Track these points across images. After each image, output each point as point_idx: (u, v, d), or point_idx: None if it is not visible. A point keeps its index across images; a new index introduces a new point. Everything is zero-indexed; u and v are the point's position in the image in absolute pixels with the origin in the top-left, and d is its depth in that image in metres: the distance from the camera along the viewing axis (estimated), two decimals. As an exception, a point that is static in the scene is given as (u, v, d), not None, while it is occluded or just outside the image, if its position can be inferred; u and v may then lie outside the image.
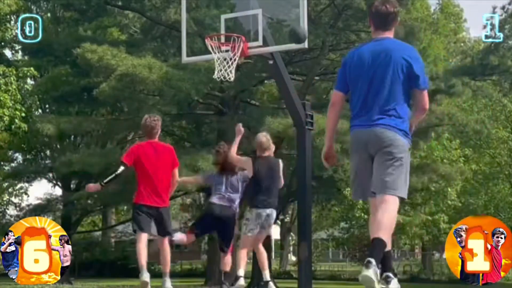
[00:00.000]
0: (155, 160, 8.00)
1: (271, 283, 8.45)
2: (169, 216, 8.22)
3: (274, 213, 8.36)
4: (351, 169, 5.09)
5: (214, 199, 8.52)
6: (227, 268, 8.72)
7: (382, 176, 4.78)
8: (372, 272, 4.39)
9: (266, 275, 8.46)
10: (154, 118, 8.25)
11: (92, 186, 8.30)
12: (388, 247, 4.73)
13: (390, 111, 4.83)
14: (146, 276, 7.76)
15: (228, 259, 8.72)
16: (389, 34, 5.05)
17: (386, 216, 4.69)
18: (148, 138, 8.23)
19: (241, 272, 8.33)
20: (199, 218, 9.38)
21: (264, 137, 8.53)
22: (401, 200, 4.85)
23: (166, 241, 8.13)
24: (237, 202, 8.53)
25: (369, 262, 4.43)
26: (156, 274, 8.15)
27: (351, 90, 5.03)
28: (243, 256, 8.37)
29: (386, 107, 4.83)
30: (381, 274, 4.55)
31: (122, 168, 8.01)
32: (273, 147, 8.57)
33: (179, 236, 8.64)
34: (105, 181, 8.07)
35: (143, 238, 7.95)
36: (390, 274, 4.60)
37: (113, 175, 8.00)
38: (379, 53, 4.92)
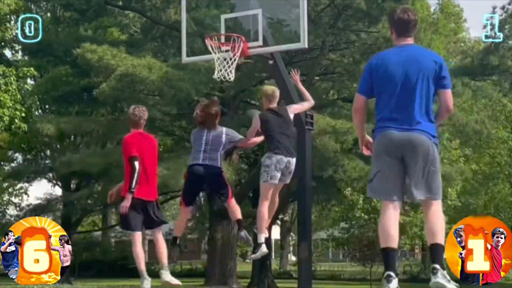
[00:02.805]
0: (146, 150, 7.79)
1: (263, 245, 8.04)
2: (159, 208, 7.98)
3: (294, 160, 8.03)
4: (375, 168, 5.24)
5: (194, 160, 7.92)
6: (239, 215, 8.00)
7: (428, 181, 5.12)
8: (440, 277, 4.96)
9: (262, 236, 8.01)
10: (142, 109, 8.02)
11: (125, 204, 7.59)
12: (442, 242, 5.13)
13: (424, 115, 5.12)
14: (147, 280, 7.65)
15: (234, 205, 8.00)
16: (411, 41, 5.32)
17: (441, 222, 5.12)
18: (134, 128, 7.92)
19: (262, 237, 7.93)
20: (184, 187, 8.29)
21: (269, 88, 8.38)
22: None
23: (160, 235, 7.94)
24: (219, 159, 7.95)
25: (435, 269, 4.98)
26: (156, 274, 8.06)
27: (378, 93, 5.25)
28: (265, 212, 7.91)
29: (420, 112, 5.11)
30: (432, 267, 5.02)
31: (137, 163, 7.60)
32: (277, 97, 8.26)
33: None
34: (132, 186, 7.57)
35: (138, 239, 7.69)
36: (437, 266, 5.04)
37: (135, 175, 7.56)
38: (407, 58, 5.18)
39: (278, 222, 41.53)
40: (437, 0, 41.04)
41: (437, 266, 4.98)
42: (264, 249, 8.01)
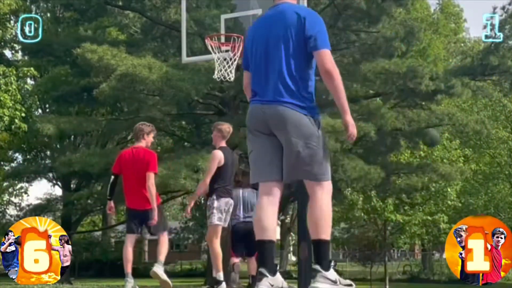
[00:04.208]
0: (131, 164, 8.23)
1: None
2: (159, 215, 8.23)
3: (232, 201, 8.33)
4: (248, 150, 4.49)
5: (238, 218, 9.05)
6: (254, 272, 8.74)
7: (307, 161, 4.24)
8: (320, 280, 4.23)
9: (221, 274, 8.27)
10: (142, 123, 8.51)
11: (110, 208, 8.59)
12: (326, 237, 4.30)
13: (293, 84, 4.26)
14: (130, 282, 8.03)
15: (254, 263, 8.94)
16: (291, 0, 4.46)
17: (325, 211, 4.30)
18: (136, 142, 8.47)
19: (221, 275, 8.18)
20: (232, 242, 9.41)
21: (226, 125, 8.37)
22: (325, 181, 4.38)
23: (163, 237, 8.29)
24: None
25: (315, 270, 4.26)
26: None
27: (250, 65, 4.50)
28: (219, 251, 8.19)
29: (286, 80, 4.25)
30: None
31: (112, 178, 8.44)
32: None
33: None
34: (108, 195, 8.53)
35: (130, 240, 8.28)
36: (318, 267, 4.28)
37: (109, 187, 8.50)
38: (271, 20, 4.37)
39: (278, 222, 41.52)
40: (437, 0, 41.08)
41: (318, 267, 4.25)
42: (224, 286, 8.21)
